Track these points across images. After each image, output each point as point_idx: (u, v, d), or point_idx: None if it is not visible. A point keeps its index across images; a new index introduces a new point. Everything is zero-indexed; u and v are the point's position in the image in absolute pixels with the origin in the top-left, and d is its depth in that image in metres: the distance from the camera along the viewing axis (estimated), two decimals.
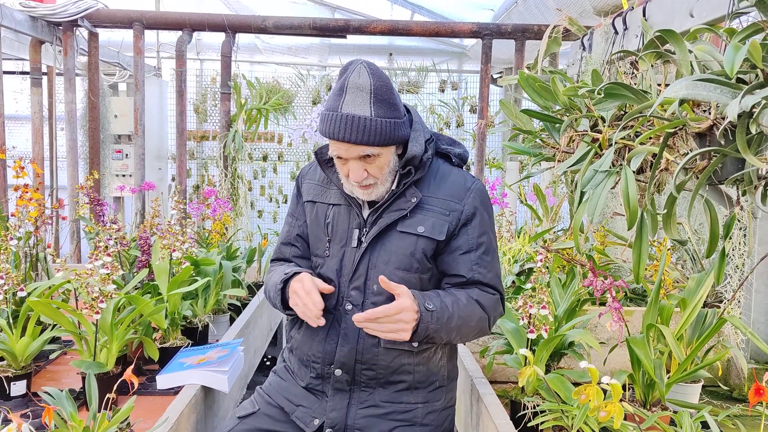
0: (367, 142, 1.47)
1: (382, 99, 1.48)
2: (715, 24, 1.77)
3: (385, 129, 1.48)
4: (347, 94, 1.48)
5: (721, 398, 2.33)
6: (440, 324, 1.51)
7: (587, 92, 1.53)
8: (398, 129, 1.52)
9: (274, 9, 5.39)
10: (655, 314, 1.84)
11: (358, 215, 1.64)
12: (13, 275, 2.16)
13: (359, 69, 1.49)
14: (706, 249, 1.32)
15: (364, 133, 1.47)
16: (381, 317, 1.46)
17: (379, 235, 1.61)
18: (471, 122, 6.15)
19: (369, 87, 1.47)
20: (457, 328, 1.55)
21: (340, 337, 1.61)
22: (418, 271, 1.60)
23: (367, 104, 1.47)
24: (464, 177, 1.66)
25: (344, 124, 1.47)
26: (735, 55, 1.02)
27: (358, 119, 1.46)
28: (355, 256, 1.61)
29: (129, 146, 5.12)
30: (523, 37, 4.26)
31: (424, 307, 1.50)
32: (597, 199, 1.36)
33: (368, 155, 1.51)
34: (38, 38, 4.20)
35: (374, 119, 1.47)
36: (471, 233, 1.61)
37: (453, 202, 1.62)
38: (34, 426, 1.43)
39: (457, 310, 1.55)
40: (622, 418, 1.35)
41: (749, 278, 2.39)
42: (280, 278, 1.64)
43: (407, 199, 1.60)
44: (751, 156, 1.02)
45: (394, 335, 1.48)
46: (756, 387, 1.33)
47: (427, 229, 1.59)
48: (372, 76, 1.48)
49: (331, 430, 1.61)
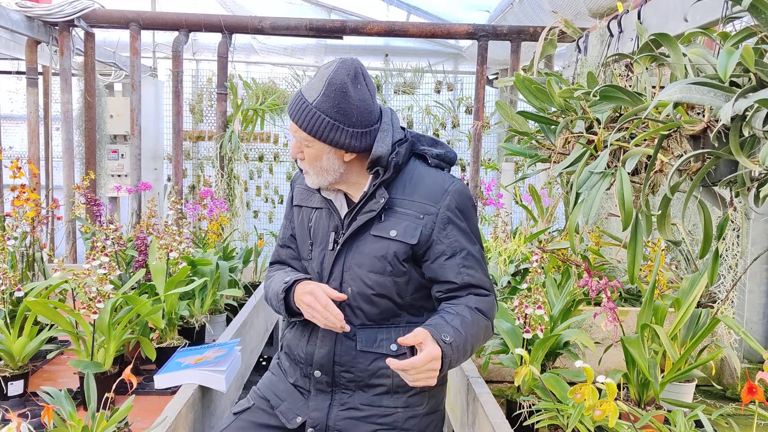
0: (296, 122, 1.52)
1: (330, 96, 1.48)
2: (709, 28, 1.78)
3: (316, 121, 1.50)
4: (314, 78, 1.53)
5: (714, 397, 2.35)
6: (458, 353, 1.49)
7: (583, 94, 1.54)
8: (333, 131, 1.50)
9: (271, 10, 5.40)
10: (650, 314, 1.85)
11: (336, 218, 1.65)
12: (10, 275, 2.16)
13: (335, 62, 1.51)
14: (700, 250, 1.33)
15: (297, 114, 1.52)
16: (408, 369, 1.42)
17: (354, 237, 1.61)
18: (467, 123, 6.17)
19: (326, 79, 1.49)
20: (471, 347, 1.55)
21: (319, 339, 1.63)
22: (391, 274, 1.59)
23: (316, 92, 1.50)
24: (442, 178, 1.62)
25: (293, 100, 1.55)
26: (728, 59, 1.03)
27: (300, 100, 1.52)
28: (331, 258, 1.63)
29: (125, 146, 5.11)
30: (518, 39, 4.28)
31: (443, 342, 1.45)
32: (592, 200, 1.38)
33: (303, 140, 1.55)
34: (34, 38, 4.19)
35: (311, 107, 1.50)
36: (451, 236, 1.58)
37: (428, 205, 1.59)
38: (33, 425, 1.43)
39: (467, 330, 1.52)
40: (617, 417, 1.36)
41: (742, 278, 2.41)
42: (280, 288, 1.64)
43: (376, 200, 1.59)
44: (744, 158, 1.04)
45: (425, 382, 1.44)
46: (749, 386, 1.34)
47: (399, 233, 1.57)
48: (334, 73, 1.49)
49: (313, 429, 1.63)
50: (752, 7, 1.05)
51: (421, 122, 6.19)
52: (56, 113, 5.07)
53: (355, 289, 1.60)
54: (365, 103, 1.52)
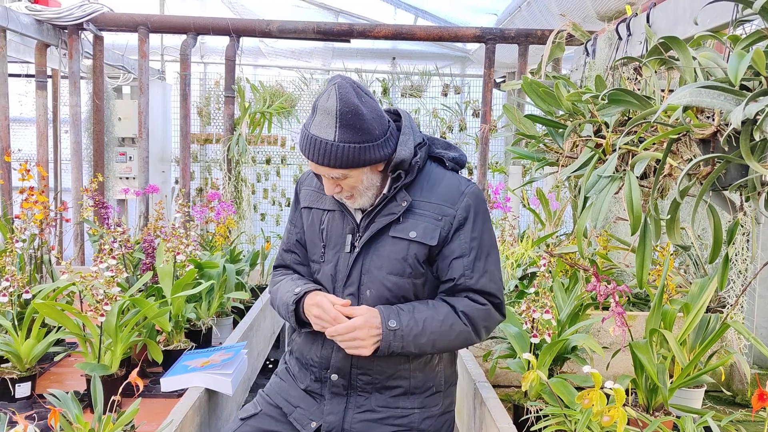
0: (328, 164, 1.49)
1: (348, 124, 1.46)
2: (719, 31, 1.77)
3: (347, 154, 1.47)
4: (317, 116, 1.49)
5: (724, 403, 2.33)
6: (405, 341, 1.54)
7: (591, 98, 1.54)
8: (366, 153, 1.49)
9: (278, 13, 5.41)
10: (658, 319, 1.84)
11: (351, 221, 1.65)
12: (18, 277, 2.17)
13: (330, 91, 1.47)
14: (710, 254, 1.32)
15: (325, 157, 1.48)
16: (335, 335, 1.54)
17: (372, 240, 1.61)
18: (474, 126, 6.16)
19: (335, 111, 1.45)
20: (429, 343, 1.57)
21: (336, 342, 1.62)
22: (411, 276, 1.60)
23: (332, 128, 1.46)
24: (458, 181, 1.65)
25: (310, 145, 1.49)
26: (739, 62, 1.02)
27: (320, 143, 1.47)
28: (349, 261, 1.62)
29: (133, 149, 5.14)
30: (526, 42, 4.27)
31: (386, 326, 1.53)
32: (600, 204, 1.37)
33: (337, 176, 1.53)
34: (44, 41, 4.22)
35: (336, 144, 1.46)
36: (464, 237, 1.60)
37: (446, 207, 1.60)
38: (40, 428, 1.44)
39: (429, 326, 1.55)
40: (625, 422, 1.35)
41: (752, 283, 2.39)
42: (291, 299, 1.64)
43: (398, 203, 1.60)
44: (754, 162, 1.03)
45: (355, 351, 1.54)
46: (759, 392, 1.33)
47: (419, 234, 1.58)
48: (339, 101, 1.45)
49: None
50: (763, 10, 1.04)
51: (428, 125, 6.18)
52: (65, 116, 5.09)
53: (373, 291, 1.60)
54: (376, 112, 1.52)
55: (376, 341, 1.53)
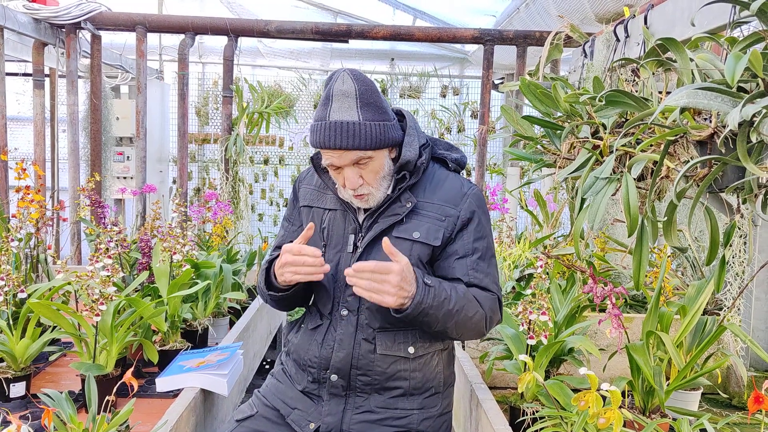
0: (358, 146, 1.48)
1: (369, 102, 1.49)
2: (717, 33, 1.77)
3: (375, 131, 1.49)
4: (333, 102, 1.49)
5: (720, 406, 2.33)
6: (437, 302, 1.48)
7: (588, 99, 1.53)
8: (388, 131, 1.52)
9: (277, 13, 5.41)
10: (655, 321, 1.84)
11: (354, 220, 1.64)
12: (13, 276, 2.16)
13: (342, 76, 1.49)
14: (707, 256, 1.32)
15: (354, 138, 1.47)
16: (366, 271, 1.43)
17: (375, 240, 1.60)
18: (472, 128, 6.16)
19: (354, 92, 1.48)
20: (455, 314, 1.52)
21: (336, 342, 1.61)
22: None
23: (354, 109, 1.47)
24: (461, 182, 1.66)
25: (334, 132, 1.47)
26: (736, 64, 1.02)
27: (347, 124, 1.47)
28: (351, 261, 1.61)
29: (130, 149, 5.13)
30: (524, 44, 4.27)
31: (422, 281, 1.48)
32: (598, 205, 1.37)
33: (361, 161, 1.51)
34: (41, 40, 4.21)
35: (363, 122, 1.47)
36: (467, 238, 1.61)
37: (449, 207, 1.61)
38: (33, 428, 1.43)
39: (455, 296, 1.52)
40: (621, 425, 1.35)
41: (749, 286, 2.39)
42: (264, 264, 1.68)
43: (402, 204, 1.60)
44: (751, 165, 1.03)
45: (377, 296, 1.44)
46: (755, 395, 1.33)
47: (422, 235, 1.59)
48: (356, 81, 1.48)
49: None
50: (760, 12, 1.04)
51: (426, 126, 6.19)
52: (62, 115, 5.09)
53: None
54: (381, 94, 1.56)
55: (404, 295, 1.45)
